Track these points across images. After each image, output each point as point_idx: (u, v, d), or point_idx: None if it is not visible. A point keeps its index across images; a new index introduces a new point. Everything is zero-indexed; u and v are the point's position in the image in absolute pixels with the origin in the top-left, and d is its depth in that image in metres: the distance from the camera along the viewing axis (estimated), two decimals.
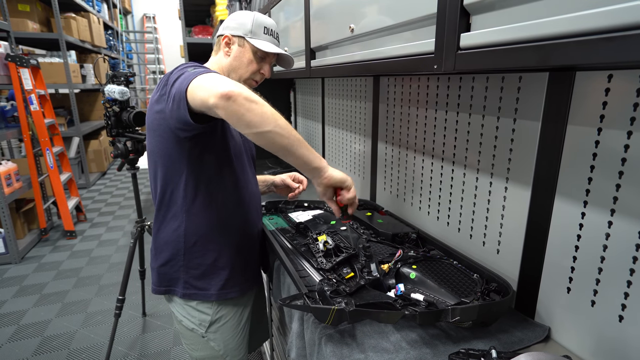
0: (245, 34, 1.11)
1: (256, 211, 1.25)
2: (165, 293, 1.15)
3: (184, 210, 1.07)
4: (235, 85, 0.83)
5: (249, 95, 0.83)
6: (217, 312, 1.15)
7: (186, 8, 4.20)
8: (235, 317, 1.20)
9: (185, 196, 1.06)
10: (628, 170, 0.69)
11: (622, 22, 0.39)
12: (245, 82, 1.14)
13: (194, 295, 1.12)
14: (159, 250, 1.13)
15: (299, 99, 2.80)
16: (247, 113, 0.82)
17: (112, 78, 2.06)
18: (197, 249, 1.10)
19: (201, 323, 1.15)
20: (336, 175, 0.95)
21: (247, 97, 0.82)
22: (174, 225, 1.09)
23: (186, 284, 1.12)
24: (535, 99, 0.87)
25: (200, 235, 1.09)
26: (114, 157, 2.08)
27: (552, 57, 0.48)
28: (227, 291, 1.15)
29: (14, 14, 4.20)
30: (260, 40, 1.12)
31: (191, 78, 0.87)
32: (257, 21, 1.11)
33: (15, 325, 2.36)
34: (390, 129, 1.53)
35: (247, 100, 0.82)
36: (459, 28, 0.63)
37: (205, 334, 1.16)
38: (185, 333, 1.18)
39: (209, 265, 1.11)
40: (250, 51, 1.11)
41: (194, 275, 1.11)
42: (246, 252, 1.21)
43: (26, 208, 3.51)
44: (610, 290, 0.74)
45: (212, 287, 1.12)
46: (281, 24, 1.86)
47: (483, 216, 1.06)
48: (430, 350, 0.79)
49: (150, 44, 9.38)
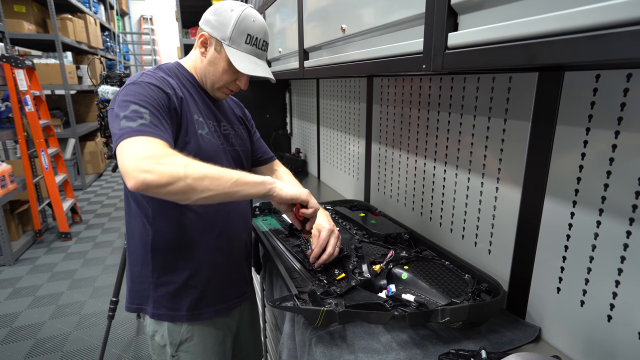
0: (222, 39, 0.97)
1: (238, 221, 1.12)
2: (137, 311, 1.07)
3: (151, 220, 0.98)
4: (148, 174, 0.73)
5: (161, 176, 0.73)
6: (189, 331, 1.05)
7: (183, 9, 4.20)
8: (210, 338, 1.09)
9: (151, 203, 0.97)
10: (615, 169, 0.70)
11: (605, 20, 0.39)
12: (219, 90, 1.05)
13: (164, 317, 1.03)
14: (131, 263, 1.05)
15: (294, 99, 2.80)
16: (167, 195, 0.76)
17: (105, 79, 2.05)
18: (165, 265, 1.01)
19: (172, 342, 1.05)
20: (285, 194, 0.92)
21: (161, 183, 0.73)
22: (141, 238, 1.00)
23: (156, 304, 1.02)
24: (525, 99, 0.87)
25: (168, 251, 1.00)
26: (108, 158, 2.07)
27: (539, 55, 0.48)
28: (200, 312, 1.04)
29: (9, 14, 4.19)
30: (238, 51, 0.98)
31: (116, 141, 0.79)
32: (240, 26, 0.96)
33: (8, 328, 2.34)
34: (384, 130, 1.53)
35: (162, 186, 0.74)
36: (446, 28, 0.63)
37: (175, 354, 1.05)
38: (155, 348, 1.08)
39: (178, 284, 1.01)
40: (226, 61, 0.98)
41: (163, 294, 1.01)
42: (224, 269, 1.08)
43: (21, 210, 3.49)
44: (599, 290, 0.74)
45: (182, 308, 1.02)
46: (275, 25, 1.86)
47: (475, 216, 1.06)
48: (421, 351, 0.79)
49: (147, 46, 9.37)
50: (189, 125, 0.95)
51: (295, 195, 0.94)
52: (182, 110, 0.94)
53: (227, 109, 1.16)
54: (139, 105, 0.83)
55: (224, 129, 1.09)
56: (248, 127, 1.24)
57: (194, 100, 1.01)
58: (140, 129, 0.80)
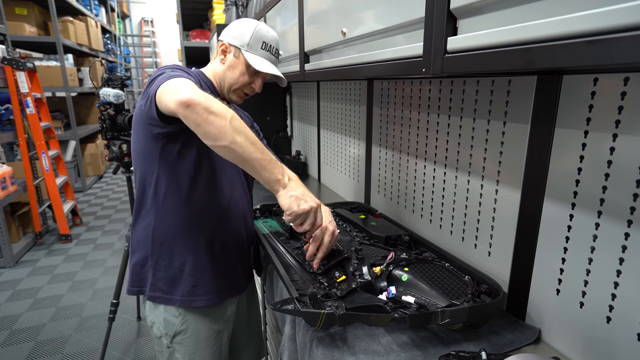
0: (241, 46, 1.10)
1: (238, 218, 1.19)
2: (137, 294, 1.13)
3: (154, 209, 1.06)
4: (199, 94, 0.82)
5: (210, 106, 0.81)
6: (183, 323, 1.11)
7: (184, 12, 4.22)
8: (204, 331, 1.14)
9: (155, 193, 1.05)
10: (613, 172, 0.70)
11: (603, 26, 0.39)
12: (235, 93, 1.14)
13: (158, 299, 1.10)
14: (133, 249, 1.12)
15: (294, 102, 2.81)
16: (203, 124, 0.81)
17: (107, 81, 2.06)
18: (164, 250, 1.07)
19: (167, 333, 1.11)
20: (282, 202, 0.94)
21: (207, 107, 0.81)
22: (145, 224, 1.08)
23: (152, 286, 1.09)
24: (524, 102, 0.87)
25: (168, 236, 1.07)
26: (109, 160, 2.08)
27: (538, 60, 0.48)
28: (193, 299, 1.10)
29: (11, 17, 4.21)
30: (255, 55, 1.10)
31: (163, 80, 0.88)
32: (257, 35, 1.10)
33: (8, 330, 2.34)
34: (384, 132, 1.53)
35: (206, 110, 0.81)
36: (446, 32, 0.64)
37: (170, 344, 1.12)
38: (155, 339, 1.16)
39: (175, 269, 1.08)
40: (244, 64, 1.10)
41: (160, 277, 1.09)
42: (219, 260, 1.14)
43: (21, 212, 3.50)
44: (598, 292, 0.75)
45: (177, 293, 1.09)
46: (276, 28, 1.87)
47: (474, 218, 1.06)
48: (421, 353, 0.79)
49: (148, 48, 9.39)
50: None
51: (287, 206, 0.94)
52: None
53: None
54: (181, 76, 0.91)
55: None
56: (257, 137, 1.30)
57: None
58: (190, 78, 0.91)
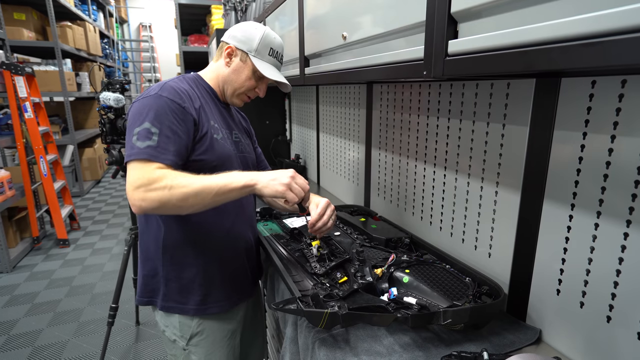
0: (249, 51, 1.09)
1: (244, 222, 1.20)
2: (148, 304, 1.13)
3: (162, 218, 1.05)
4: (141, 199, 0.87)
5: (154, 205, 0.87)
6: (199, 325, 1.12)
7: (182, 17, 4.24)
8: (219, 332, 1.15)
9: None
10: (612, 173, 0.71)
11: (600, 29, 0.41)
12: (238, 97, 1.14)
13: (172, 309, 1.10)
14: (143, 259, 1.12)
15: (293, 106, 2.82)
16: (164, 213, 0.90)
17: (107, 85, 2.07)
18: (175, 261, 1.07)
19: (182, 335, 1.12)
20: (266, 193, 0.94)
21: (153, 207, 0.88)
22: (154, 234, 1.07)
23: (165, 297, 1.09)
24: (523, 105, 0.89)
25: (179, 246, 1.07)
26: (109, 164, 2.08)
27: (537, 62, 0.49)
28: (207, 307, 1.11)
29: (9, 22, 4.21)
30: (263, 61, 1.10)
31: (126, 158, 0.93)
32: (265, 41, 1.10)
33: (5, 336, 2.32)
34: (383, 136, 1.54)
35: (154, 209, 0.88)
36: (446, 35, 0.65)
37: (186, 347, 1.12)
38: (168, 343, 1.16)
39: (187, 280, 1.08)
40: (251, 69, 1.10)
41: (173, 288, 1.09)
42: (230, 267, 1.15)
43: (19, 216, 3.48)
44: (598, 292, 0.76)
45: (190, 302, 1.09)
46: (276, 32, 1.88)
47: (474, 220, 1.07)
48: (423, 353, 0.80)
49: (146, 53, 9.41)
50: (206, 130, 1.04)
51: (273, 194, 0.95)
52: (200, 117, 1.03)
53: (237, 120, 1.26)
54: (151, 123, 0.92)
55: (235, 136, 1.18)
56: (251, 139, 1.34)
57: (210, 108, 1.10)
58: (146, 151, 0.90)
